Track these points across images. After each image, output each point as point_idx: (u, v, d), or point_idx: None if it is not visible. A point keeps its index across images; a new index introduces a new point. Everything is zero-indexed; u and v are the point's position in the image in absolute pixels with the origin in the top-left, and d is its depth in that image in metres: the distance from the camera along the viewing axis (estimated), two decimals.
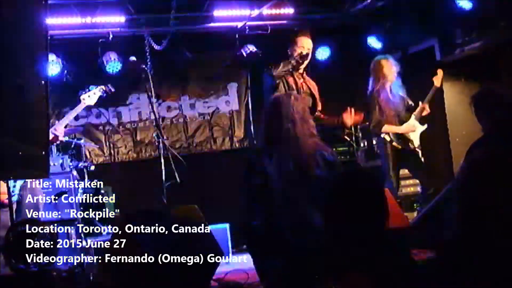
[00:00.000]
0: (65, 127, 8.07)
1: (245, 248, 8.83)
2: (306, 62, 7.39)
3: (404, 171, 8.72)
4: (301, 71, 7.42)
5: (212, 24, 10.25)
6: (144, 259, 4.91)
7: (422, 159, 8.62)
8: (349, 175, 3.37)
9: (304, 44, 7.51)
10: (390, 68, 8.22)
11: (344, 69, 11.18)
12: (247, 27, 10.36)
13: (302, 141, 5.04)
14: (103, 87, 7.95)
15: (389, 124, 8.11)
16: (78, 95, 7.98)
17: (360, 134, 10.77)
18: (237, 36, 10.54)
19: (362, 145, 10.64)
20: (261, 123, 5.48)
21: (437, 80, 8.49)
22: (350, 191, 3.07)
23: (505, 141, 5.19)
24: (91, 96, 7.83)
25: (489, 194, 2.77)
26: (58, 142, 7.66)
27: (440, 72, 8.52)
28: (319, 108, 7.30)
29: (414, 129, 8.26)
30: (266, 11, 10.09)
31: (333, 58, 11.09)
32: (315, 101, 7.30)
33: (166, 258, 5.02)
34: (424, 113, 8.33)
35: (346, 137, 10.71)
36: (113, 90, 8.27)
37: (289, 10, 10.30)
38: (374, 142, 10.17)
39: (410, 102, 8.37)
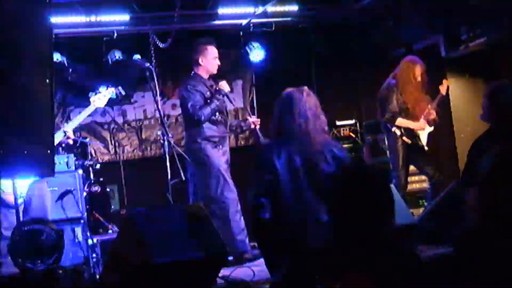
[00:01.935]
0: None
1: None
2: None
3: (411, 167, 8.72)
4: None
5: (216, 22, 10.28)
6: (149, 257, 4.91)
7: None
8: (356, 170, 3.36)
9: (216, 53, 7.92)
10: (421, 75, 8.28)
11: (347, 65, 11.18)
12: (251, 25, 10.38)
13: (313, 137, 5.04)
14: (113, 89, 7.97)
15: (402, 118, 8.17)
16: (88, 96, 7.99)
17: (365, 131, 10.78)
18: (241, 33, 10.57)
19: (366, 141, 10.64)
20: (272, 119, 5.46)
21: (442, 89, 8.62)
22: (356, 188, 3.07)
23: None
24: (101, 98, 7.84)
25: None
26: (68, 143, 7.68)
27: (445, 82, 8.63)
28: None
29: (423, 128, 8.30)
30: (270, 8, 10.10)
31: (337, 55, 11.09)
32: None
33: (172, 256, 5.02)
34: (431, 117, 8.37)
35: (351, 134, 10.72)
36: (123, 93, 8.29)
37: (294, 7, 10.31)
38: (379, 139, 10.18)
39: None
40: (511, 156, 2.90)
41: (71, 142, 7.59)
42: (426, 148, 8.38)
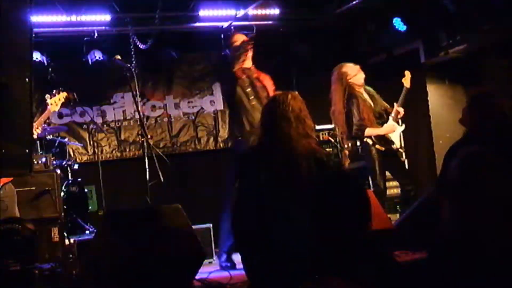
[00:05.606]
0: (49, 125, 8.11)
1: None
2: (247, 54, 7.43)
3: (387, 173, 8.74)
4: (249, 65, 7.49)
5: (197, 24, 10.26)
6: (126, 258, 4.90)
7: (406, 161, 8.66)
8: (334, 176, 3.37)
9: (236, 39, 7.59)
10: (359, 74, 8.24)
11: (328, 69, 11.20)
12: (232, 27, 10.38)
13: (295, 141, 5.03)
14: (65, 93, 7.94)
15: (370, 127, 8.13)
16: (44, 98, 7.95)
17: (344, 136, 10.80)
18: (222, 36, 10.56)
19: (346, 146, 10.66)
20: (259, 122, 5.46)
21: (406, 82, 8.47)
22: (333, 192, 3.08)
23: (492, 142, 5.22)
24: (56, 101, 7.82)
25: (488, 188, 2.78)
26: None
27: (407, 73, 8.49)
28: None
29: (394, 130, 8.28)
30: (251, 11, 10.11)
31: (317, 59, 11.10)
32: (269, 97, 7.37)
33: (149, 257, 5.01)
34: (400, 115, 8.34)
35: (330, 138, 10.72)
36: (77, 99, 8.30)
37: (275, 11, 10.31)
38: (358, 143, 10.20)
39: (386, 105, 8.38)
40: (474, 158, 2.91)
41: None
42: (401, 150, 8.40)
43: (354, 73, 8.22)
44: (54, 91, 7.94)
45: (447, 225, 2.91)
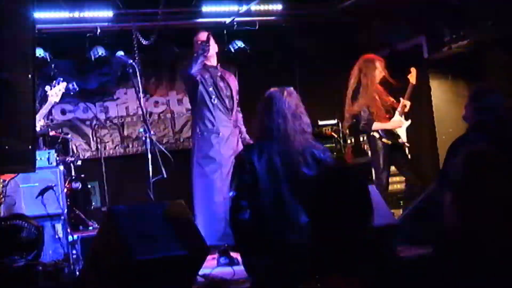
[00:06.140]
0: (52, 121, 8.10)
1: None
2: (206, 54, 7.34)
3: (391, 168, 8.73)
4: (214, 63, 7.54)
5: (200, 20, 10.26)
6: (130, 254, 4.90)
7: (409, 156, 8.66)
8: (334, 171, 3.36)
9: (199, 37, 7.59)
10: (382, 69, 8.22)
11: (331, 65, 11.20)
12: (235, 23, 10.38)
13: (292, 137, 5.03)
14: (65, 83, 7.96)
15: (378, 121, 8.12)
16: (45, 90, 7.97)
17: (347, 131, 10.80)
18: (225, 31, 10.55)
19: (349, 141, 10.65)
20: (254, 119, 5.46)
21: (412, 78, 8.48)
22: (334, 188, 3.07)
23: (493, 140, 5.20)
24: (57, 92, 7.85)
25: (488, 188, 2.78)
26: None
27: (413, 70, 8.51)
28: (236, 105, 7.48)
29: (401, 125, 8.28)
30: (254, 7, 10.10)
31: (320, 54, 11.10)
32: (232, 97, 7.48)
33: (152, 253, 5.01)
34: (406, 109, 8.33)
35: (333, 133, 10.72)
36: (77, 89, 8.32)
37: (277, 6, 10.32)
38: (362, 139, 10.19)
39: (392, 99, 8.37)
40: (478, 156, 2.91)
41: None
42: (407, 144, 8.39)
43: (381, 68, 8.23)
44: (54, 82, 7.97)
45: (447, 223, 2.91)
